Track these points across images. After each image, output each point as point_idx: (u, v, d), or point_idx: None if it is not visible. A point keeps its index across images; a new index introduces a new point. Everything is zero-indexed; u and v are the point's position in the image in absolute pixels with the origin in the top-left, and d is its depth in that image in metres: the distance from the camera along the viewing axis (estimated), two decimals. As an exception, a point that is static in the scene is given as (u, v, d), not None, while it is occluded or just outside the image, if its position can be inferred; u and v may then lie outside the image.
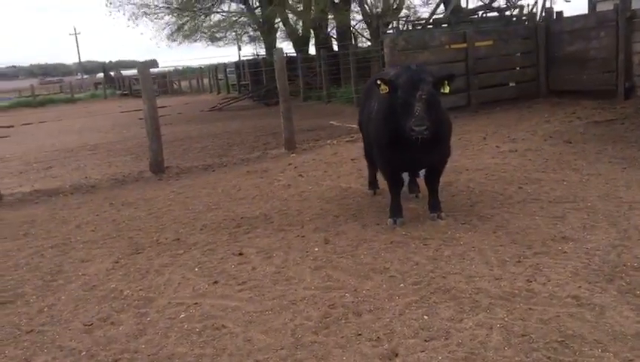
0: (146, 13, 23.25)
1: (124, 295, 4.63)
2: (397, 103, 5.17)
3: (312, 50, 25.27)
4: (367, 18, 20.12)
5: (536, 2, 18.55)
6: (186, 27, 24.44)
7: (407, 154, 5.47)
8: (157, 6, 23.18)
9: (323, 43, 22.30)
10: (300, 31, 24.56)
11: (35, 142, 17.23)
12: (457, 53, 13.58)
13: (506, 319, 3.66)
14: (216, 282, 4.70)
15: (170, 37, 24.93)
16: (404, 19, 18.46)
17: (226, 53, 53.53)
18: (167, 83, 44.84)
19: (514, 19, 17.78)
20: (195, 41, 25.55)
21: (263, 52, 29.03)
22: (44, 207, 8.17)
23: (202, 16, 24.05)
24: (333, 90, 20.33)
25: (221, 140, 14.23)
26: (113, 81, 51.89)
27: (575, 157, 8.20)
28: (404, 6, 20.13)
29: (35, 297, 4.76)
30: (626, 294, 3.87)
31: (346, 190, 7.52)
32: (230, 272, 4.90)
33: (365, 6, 19.50)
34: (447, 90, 5.28)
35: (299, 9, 22.99)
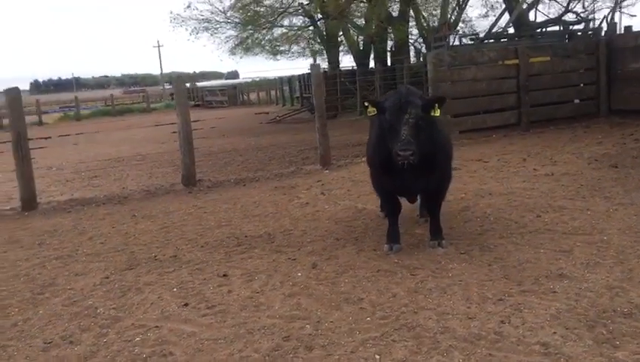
0: (206, 28, 23.82)
1: (97, 313, 4.62)
2: (385, 127, 4.97)
3: (373, 65, 25.09)
4: (423, 32, 19.79)
5: (604, 17, 17.66)
6: (249, 40, 24.86)
7: (400, 178, 5.23)
8: (218, 21, 23.70)
9: (382, 57, 22.10)
10: (361, 45, 24.44)
11: (94, 150, 17.91)
12: (508, 69, 13.05)
13: (459, 365, 3.38)
14: (186, 304, 4.62)
15: (233, 50, 25.44)
16: (458, 33, 17.95)
17: (306, 65, 53.79)
18: (236, 94, 45.79)
19: (579, 33, 16.96)
20: (257, 54, 25.91)
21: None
22: (72, 217, 8.39)
23: (264, 30, 24.38)
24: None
25: (264, 153, 14.30)
26: (188, 92, 53.47)
27: (614, 183, 7.65)
28: (460, 19, 19.66)
29: (17, 310, 4.83)
30: (602, 344, 3.49)
31: (360, 211, 7.31)
32: (205, 294, 4.81)
33: (422, 20, 19.20)
34: (437, 113, 5.01)
35: (360, 23, 22.92)
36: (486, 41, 16.40)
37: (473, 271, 4.85)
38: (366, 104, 5.12)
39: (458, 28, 19.55)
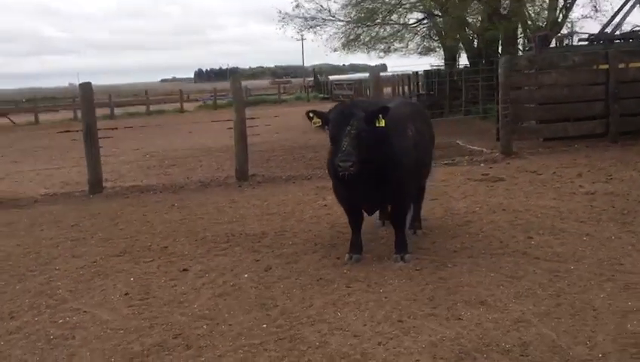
0: (311, 26, 24.32)
1: (55, 293, 5.15)
2: (329, 138, 5.01)
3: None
4: (527, 31, 18.71)
5: None
6: (361, 37, 25.00)
7: (353, 189, 5.24)
8: (323, 19, 24.07)
9: (493, 56, 21.26)
10: (475, 43, 23.67)
11: (197, 139, 19.06)
12: (595, 74, 12.11)
13: (295, 381, 3.43)
14: (127, 294, 5.02)
15: (344, 46, 25.62)
16: (559, 34, 16.79)
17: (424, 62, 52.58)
18: (362, 89, 46.05)
19: None
20: (367, 52, 25.96)
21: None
22: (124, 202, 9.16)
23: (377, 27, 24.38)
24: (490, 105, 19.30)
25: (337, 152, 14.43)
26: (320, 85, 54.71)
27: (651, 208, 6.97)
28: (567, 19, 18.34)
29: (3, 284, 5.49)
30: (453, 380, 3.37)
31: (366, 218, 7.29)
32: (151, 286, 5.17)
33: (527, 19, 18.15)
34: (382, 123, 4.94)
35: (473, 21, 22.26)
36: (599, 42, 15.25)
37: (406, 290, 4.77)
38: (310, 115, 5.17)
39: (566, 29, 18.30)
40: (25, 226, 7.83)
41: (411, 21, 25.35)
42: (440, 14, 24.04)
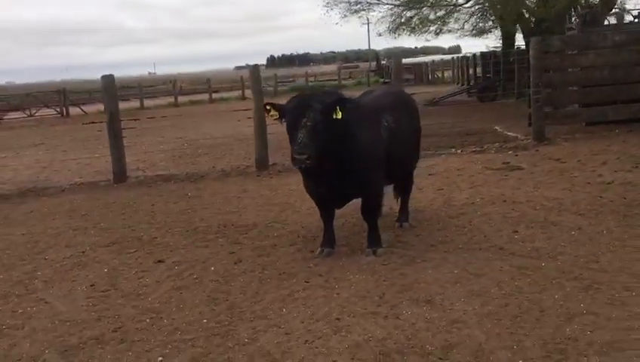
0: (355, 10, 23.95)
1: (30, 283, 5.33)
2: (286, 130, 4.92)
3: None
4: (577, 8, 17.65)
5: None
6: (413, 20, 24.43)
7: (317, 183, 5.15)
8: (369, 2, 23.61)
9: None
10: (532, 23, 22.64)
11: (237, 127, 19.20)
12: (638, 55, 11.32)
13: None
14: (92, 285, 5.13)
15: (391, 30, 25.12)
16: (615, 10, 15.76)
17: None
18: (422, 73, 45.25)
19: None
20: (418, 34, 25.34)
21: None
22: (142, 192, 9.36)
23: (426, 9, 23.75)
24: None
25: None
26: (383, 70, 54.06)
27: (667, 200, 6.49)
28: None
29: (-10, 272, 5.75)
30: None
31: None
32: (118, 278, 5.27)
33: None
34: (339, 115, 4.80)
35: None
36: None
37: (362, 286, 4.65)
38: (268, 107, 5.08)
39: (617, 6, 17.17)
40: (40, 215, 8.15)
41: (461, 1, 24.47)
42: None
